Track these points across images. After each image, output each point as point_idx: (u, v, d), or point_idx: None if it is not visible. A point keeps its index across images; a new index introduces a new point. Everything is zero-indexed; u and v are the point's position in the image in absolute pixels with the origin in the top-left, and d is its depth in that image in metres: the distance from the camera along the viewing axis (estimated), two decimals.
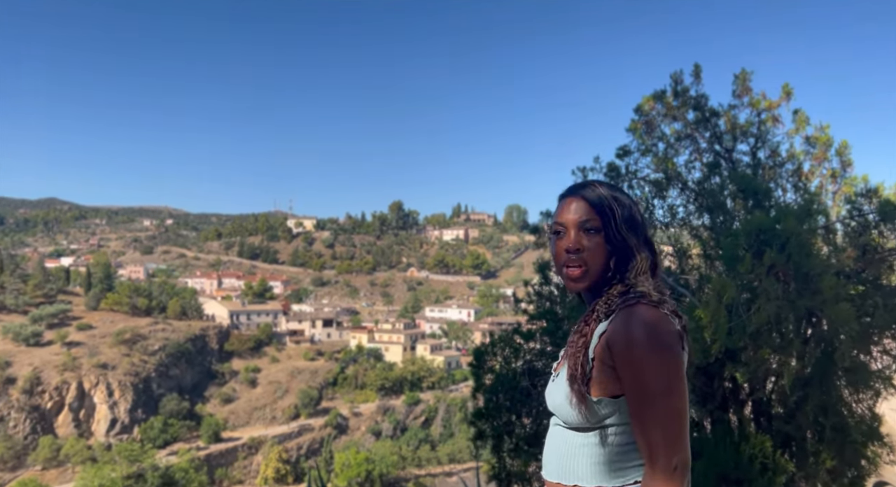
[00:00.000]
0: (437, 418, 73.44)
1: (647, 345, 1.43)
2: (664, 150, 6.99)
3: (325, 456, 65.04)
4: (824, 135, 6.33)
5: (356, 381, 76.84)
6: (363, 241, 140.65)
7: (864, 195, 5.36)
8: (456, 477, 70.26)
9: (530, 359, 6.30)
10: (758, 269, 4.69)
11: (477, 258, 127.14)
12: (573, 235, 1.58)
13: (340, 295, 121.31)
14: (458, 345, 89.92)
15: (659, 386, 1.41)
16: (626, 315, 1.47)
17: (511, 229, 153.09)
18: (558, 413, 1.62)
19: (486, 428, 6.23)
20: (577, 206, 1.60)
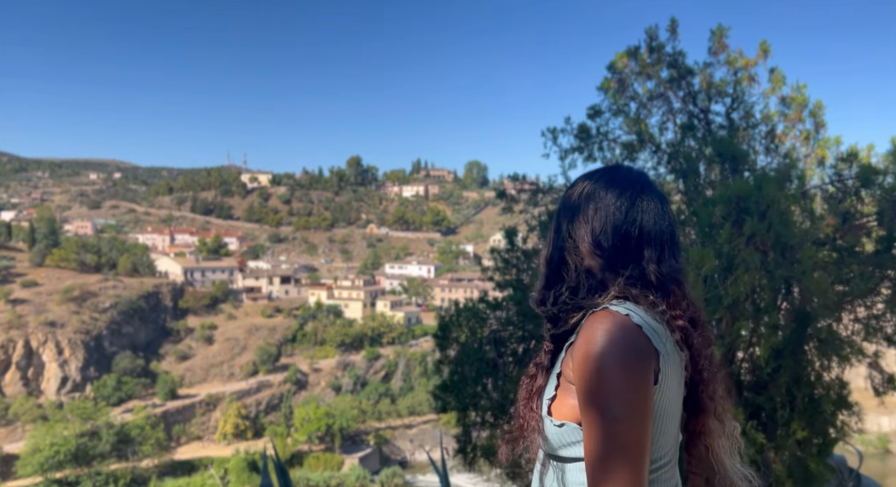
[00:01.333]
0: (397, 372, 74.37)
1: (599, 358, 1.20)
2: (636, 110, 6.70)
3: (285, 412, 65.37)
4: (800, 96, 6.12)
5: (315, 337, 76.91)
6: (321, 197, 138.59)
7: (844, 160, 5.19)
8: (416, 429, 71.80)
9: (497, 329, 6.08)
10: (737, 239, 4.49)
11: (437, 214, 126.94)
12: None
13: (298, 252, 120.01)
14: (418, 301, 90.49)
15: (607, 410, 1.17)
16: (588, 323, 1.26)
17: (471, 185, 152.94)
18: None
19: (450, 401, 6.03)
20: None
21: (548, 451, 1.34)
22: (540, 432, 1.35)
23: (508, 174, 6.37)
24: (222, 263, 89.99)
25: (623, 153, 6.71)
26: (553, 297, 1.39)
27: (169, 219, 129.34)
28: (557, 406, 1.31)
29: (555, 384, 1.33)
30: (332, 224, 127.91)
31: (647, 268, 1.34)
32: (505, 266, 6.75)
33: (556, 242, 1.41)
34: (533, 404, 1.42)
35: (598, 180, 1.41)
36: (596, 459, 1.20)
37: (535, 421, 1.38)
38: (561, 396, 1.31)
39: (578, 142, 6.75)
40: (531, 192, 7.14)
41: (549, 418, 1.31)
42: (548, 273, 1.41)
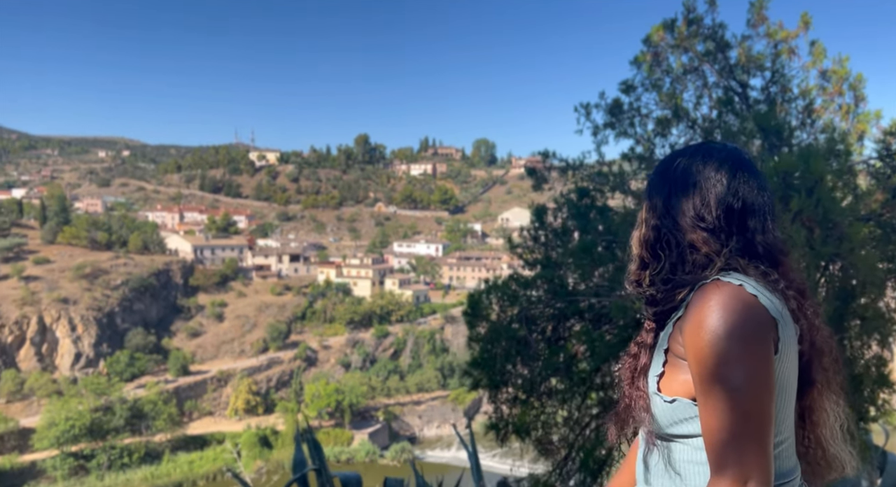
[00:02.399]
0: (406, 350, 74.98)
1: (717, 331, 1.17)
2: (671, 85, 6.57)
3: (295, 388, 66.17)
4: (842, 69, 5.97)
5: (325, 315, 77.47)
6: (329, 175, 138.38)
7: (892, 133, 5.08)
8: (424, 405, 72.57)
9: (527, 307, 6.05)
10: (784, 215, 4.41)
11: (445, 193, 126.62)
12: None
13: (307, 230, 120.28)
14: (426, 280, 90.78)
15: (729, 382, 1.15)
16: (699, 296, 1.24)
17: (479, 163, 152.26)
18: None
19: (482, 378, 6.03)
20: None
21: (655, 430, 1.31)
22: (647, 410, 1.33)
23: (537, 151, 6.29)
24: (232, 241, 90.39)
25: (656, 128, 6.60)
26: (650, 276, 1.36)
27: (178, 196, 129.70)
28: (667, 382, 1.29)
29: (662, 360, 1.31)
30: (340, 202, 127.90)
31: (753, 239, 1.31)
32: (534, 243, 6.70)
33: (651, 221, 1.38)
34: (639, 382, 1.38)
35: (692, 155, 1.39)
36: (720, 434, 1.16)
37: (642, 400, 1.36)
38: (670, 372, 1.29)
39: (610, 118, 6.66)
40: (561, 169, 7.06)
41: (659, 395, 1.29)
42: (643, 253, 1.39)
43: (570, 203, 6.76)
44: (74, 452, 49.92)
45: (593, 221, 6.35)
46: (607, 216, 6.37)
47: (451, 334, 79.41)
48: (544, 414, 5.87)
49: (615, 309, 5.14)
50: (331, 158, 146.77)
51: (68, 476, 49.08)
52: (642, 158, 6.78)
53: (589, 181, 6.82)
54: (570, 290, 5.78)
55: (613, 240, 5.88)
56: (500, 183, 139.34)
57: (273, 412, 64.01)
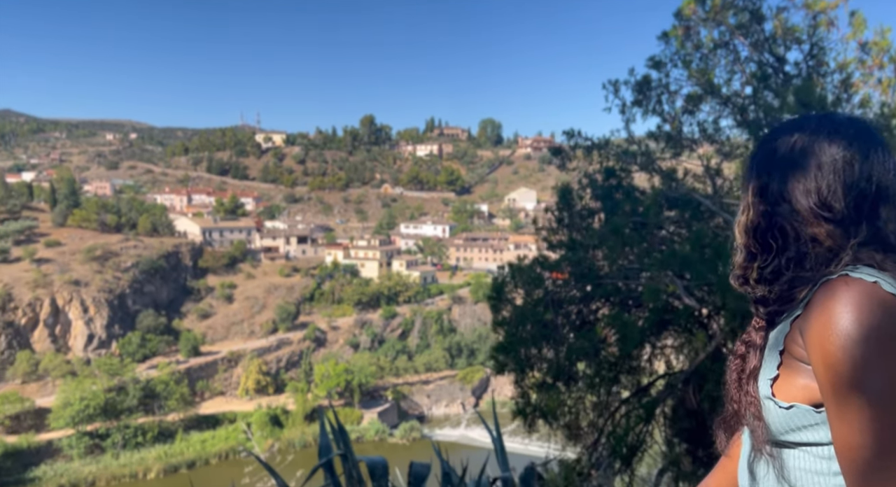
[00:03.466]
0: (414, 330, 75.28)
1: (851, 334, 1.04)
2: (701, 60, 6.33)
3: (305, 368, 66.65)
4: (883, 41, 5.72)
5: (333, 296, 77.75)
6: (335, 157, 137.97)
7: None
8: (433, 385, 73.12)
9: (552, 290, 5.90)
10: None
11: (451, 174, 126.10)
12: None
13: (314, 212, 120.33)
14: (433, 261, 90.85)
15: (866, 391, 1.02)
16: (825, 294, 1.09)
17: (485, 144, 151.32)
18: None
19: (508, 362, 5.91)
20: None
21: (767, 437, 1.18)
22: (758, 416, 1.19)
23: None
24: (240, 223, 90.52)
25: (685, 105, 6.39)
26: (758, 270, 1.20)
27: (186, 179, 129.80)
28: (783, 386, 1.15)
29: (776, 362, 1.17)
30: (346, 184, 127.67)
31: (884, 229, 1.14)
32: (559, 225, 6.52)
33: (761, 206, 1.21)
34: (748, 386, 1.23)
35: (814, 130, 1.19)
36: (861, 451, 1.03)
37: (752, 406, 1.21)
38: (786, 375, 1.15)
39: (638, 95, 6.44)
40: (586, 148, 6.85)
41: (773, 400, 1.15)
42: (750, 243, 1.22)
43: (594, 183, 6.58)
44: (89, 431, 50.60)
45: (620, 202, 6.17)
46: (634, 196, 6.19)
47: (458, 314, 79.64)
48: (571, 399, 5.75)
49: (647, 292, 4.98)
50: (336, 140, 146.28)
51: (84, 454, 49.82)
52: (669, 137, 6.57)
53: (615, 160, 6.62)
54: (598, 273, 5.63)
55: (642, 221, 5.70)
56: (506, 163, 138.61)
57: (283, 392, 64.58)
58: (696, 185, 6.26)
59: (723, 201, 5.87)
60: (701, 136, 6.54)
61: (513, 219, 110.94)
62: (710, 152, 6.46)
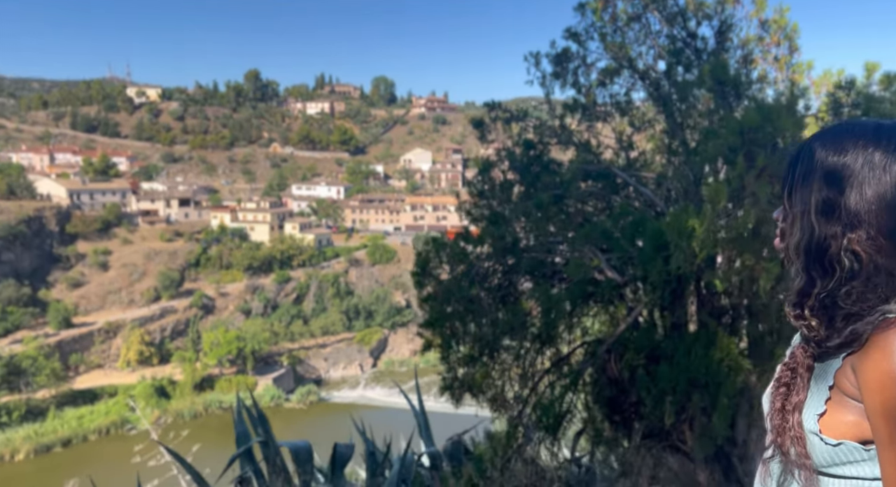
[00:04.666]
0: (309, 294, 74.12)
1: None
2: (615, 32, 6.39)
3: (193, 337, 64.09)
4: (782, 19, 6.02)
5: (221, 261, 74.74)
6: (217, 114, 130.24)
7: (841, 88, 5.20)
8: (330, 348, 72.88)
9: (477, 265, 5.87)
10: (749, 172, 4.42)
11: (344, 133, 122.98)
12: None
13: (196, 173, 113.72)
14: (328, 223, 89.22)
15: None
16: (889, 332, 1.04)
17: (378, 103, 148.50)
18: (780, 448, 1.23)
19: (434, 339, 5.86)
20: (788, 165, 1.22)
21: (810, 469, 1.15)
22: (801, 446, 1.14)
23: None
24: (112, 185, 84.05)
25: (600, 78, 6.46)
26: (817, 298, 1.12)
27: (46, 136, 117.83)
28: (830, 422, 1.12)
29: (825, 397, 1.13)
30: (231, 143, 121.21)
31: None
32: (480, 198, 6.47)
33: (829, 226, 1.10)
34: (792, 418, 1.17)
35: (872, 140, 1.11)
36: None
37: (798, 441, 1.16)
38: (834, 411, 1.12)
39: (556, 67, 6.43)
40: (505, 120, 6.80)
41: (820, 436, 1.11)
42: (813, 266, 1.12)
43: (511, 155, 6.55)
44: None
45: (540, 175, 6.19)
46: (553, 169, 6.23)
47: (355, 277, 79.20)
48: (497, 372, 5.81)
49: (572, 266, 5.06)
50: (219, 95, 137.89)
51: None
52: (585, 109, 6.65)
53: (534, 133, 6.62)
54: (521, 246, 5.64)
55: (562, 194, 5.76)
56: (401, 123, 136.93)
57: (169, 362, 61.89)
58: (611, 158, 6.39)
59: (637, 174, 6.04)
60: (614, 109, 6.66)
61: (409, 180, 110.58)
62: (623, 124, 6.60)
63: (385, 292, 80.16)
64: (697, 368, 4.68)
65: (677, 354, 4.78)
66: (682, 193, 5.48)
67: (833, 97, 5.18)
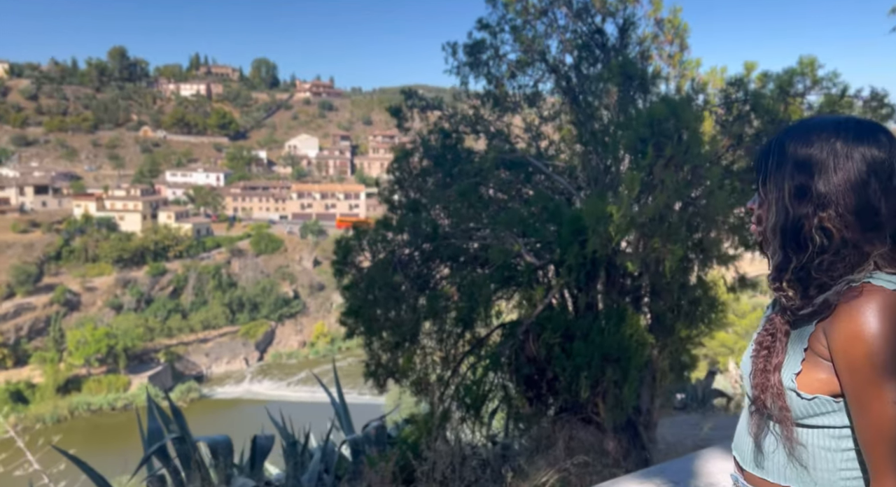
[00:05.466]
0: (188, 287, 70.36)
1: (876, 344, 1.17)
2: (525, 25, 6.62)
3: (55, 335, 59.02)
4: (675, 19, 6.53)
5: (86, 254, 69.19)
6: (78, 94, 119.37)
7: (733, 84, 5.72)
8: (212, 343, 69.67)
9: (398, 252, 5.91)
10: (658, 161, 4.79)
11: (223, 117, 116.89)
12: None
13: (54, 158, 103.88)
14: (207, 212, 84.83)
15: (888, 394, 1.17)
16: (854, 303, 1.21)
17: (259, 85, 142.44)
18: (756, 402, 1.38)
19: (357, 326, 5.84)
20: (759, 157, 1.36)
21: (782, 419, 1.31)
22: (781, 401, 1.30)
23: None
24: None
25: (510, 69, 6.67)
26: (794, 272, 1.28)
27: None
28: (805, 379, 1.27)
29: (800, 358, 1.28)
30: (94, 125, 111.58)
31: (886, 229, 1.25)
32: (398, 186, 6.49)
33: (801, 208, 1.27)
34: (773, 377, 1.32)
35: (855, 134, 1.27)
36: (882, 447, 1.19)
37: (777, 395, 1.31)
38: (808, 370, 1.27)
39: (469, 58, 6.56)
40: (421, 108, 6.85)
41: (796, 391, 1.28)
42: (789, 244, 1.29)
43: (426, 143, 6.63)
44: None
45: (457, 163, 6.32)
46: (470, 158, 6.38)
47: (238, 268, 76.13)
48: (419, 357, 5.90)
49: (495, 252, 5.24)
50: (79, 73, 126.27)
51: None
52: (496, 100, 6.85)
53: (448, 122, 6.73)
54: (442, 234, 5.74)
55: (479, 182, 5.92)
56: (285, 107, 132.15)
57: (27, 364, 56.59)
58: (524, 148, 6.64)
59: (549, 163, 6.32)
60: (523, 100, 6.91)
61: (295, 167, 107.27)
62: (532, 115, 6.86)
63: (271, 283, 77.74)
64: (610, 344, 5.04)
65: (592, 332, 5.11)
66: (592, 181, 5.83)
67: (725, 92, 5.71)
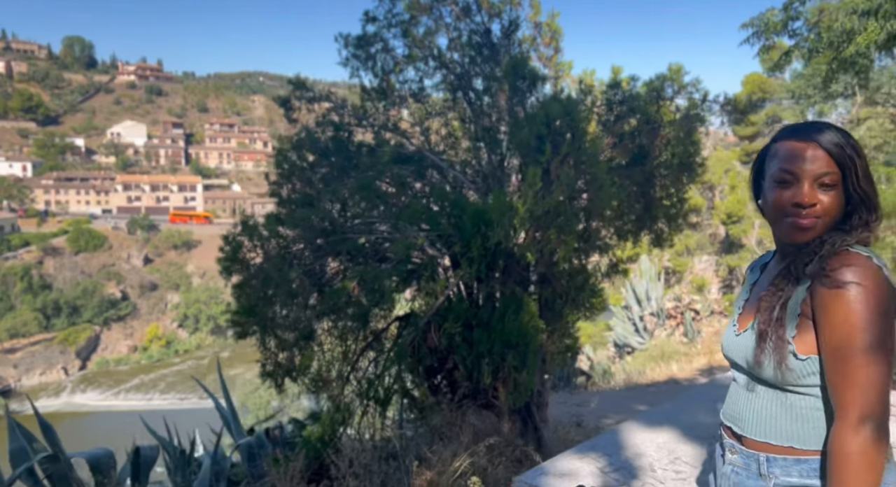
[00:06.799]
0: None
1: (856, 296, 1.36)
2: (411, 20, 6.69)
3: None
4: (553, 23, 6.95)
5: None
6: None
7: (612, 87, 6.23)
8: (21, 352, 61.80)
9: (293, 249, 5.72)
10: (555, 158, 5.11)
11: (29, 99, 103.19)
12: (807, 189, 1.47)
13: None
14: (11, 206, 74.85)
15: (863, 342, 1.35)
16: (835, 263, 1.41)
17: (73, 66, 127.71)
18: (753, 371, 1.54)
19: (250, 327, 5.57)
20: (815, 156, 1.48)
21: (780, 382, 1.49)
22: (783, 360, 1.47)
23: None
24: None
25: (397, 64, 6.70)
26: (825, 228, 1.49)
27: None
28: (800, 341, 1.45)
29: (795, 323, 1.46)
30: None
31: (876, 213, 1.50)
32: (287, 180, 6.26)
33: (863, 188, 1.48)
34: (779, 331, 1.48)
35: (848, 136, 1.53)
36: (853, 390, 1.35)
37: (779, 349, 1.47)
38: (801, 333, 1.45)
39: (357, 51, 6.49)
40: (308, 99, 6.64)
41: (794, 353, 1.46)
42: (836, 212, 1.50)
43: (311, 136, 6.47)
44: None
45: (351, 156, 6.24)
46: (362, 151, 6.34)
47: (53, 268, 68.24)
48: (317, 352, 5.77)
49: (398, 246, 5.29)
50: None
51: None
52: (385, 94, 6.85)
53: (336, 114, 6.61)
54: (339, 229, 5.65)
55: (376, 176, 5.90)
56: (105, 91, 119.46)
57: None
58: (417, 142, 6.71)
59: (442, 158, 6.46)
60: (409, 96, 6.98)
61: (119, 156, 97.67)
62: (421, 110, 6.95)
63: (94, 284, 70.77)
64: (510, 331, 5.30)
65: (492, 320, 5.34)
66: (487, 176, 6.07)
67: (606, 95, 6.23)
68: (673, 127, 6.10)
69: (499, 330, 5.35)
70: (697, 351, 13.71)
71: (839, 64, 6.27)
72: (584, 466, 3.20)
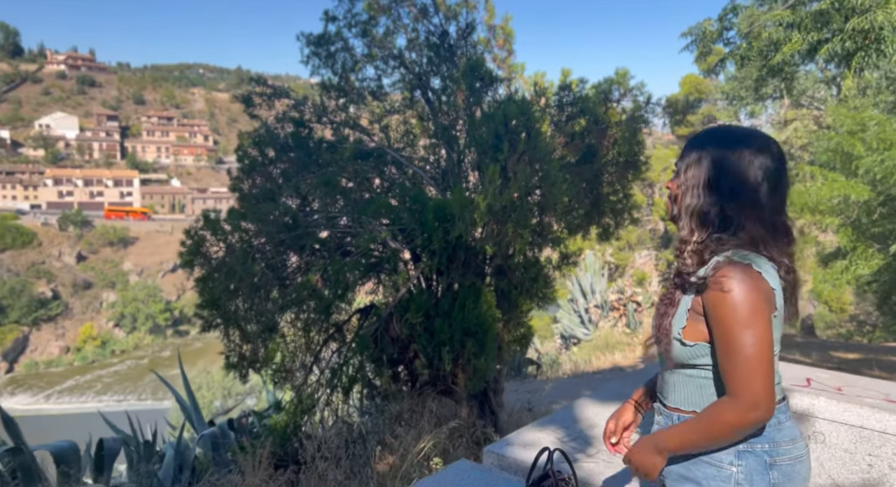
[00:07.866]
0: None
1: (738, 307, 1.55)
2: (370, 20, 6.86)
3: None
4: (506, 26, 7.25)
5: None
6: None
7: (564, 89, 6.57)
8: None
9: (256, 243, 5.82)
10: (512, 156, 5.39)
11: None
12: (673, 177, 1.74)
13: None
14: None
15: (744, 340, 1.55)
16: (727, 274, 1.58)
17: None
18: (662, 354, 1.83)
19: (214, 318, 5.64)
20: (683, 151, 1.74)
21: (678, 362, 1.79)
22: (667, 346, 1.77)
23: (254, 74, 5.77)
24: None
25: (356, 63, 6.85)
26: (695, 245, 1.67)
27: None
28: (688, 331, 1.69)
29: (685, 316, 1.69)
30: None
31: (768, 221, 1.64)
32: (249, 175, 6.33)
33: (710, 197, 1.64)
34: (668, 329, 1.75)
35: (757, 144, 1.65)
36: (739, 375, 1.57)
37: (669, 342, 1.76)
38: (691, 324, 1.68)
39: (317, 49, 6.61)
40: (268, 96, 6.71)
41: (682, 340, 1.70)
42: (695, 224, 1.68)
43: (270, 132, 6.56)
44: None
45: (312, 152, 6.36)
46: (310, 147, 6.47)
47: None
48: (281, 344, 5.89)
49: (362, 240, 5.48)
50: None
51: None
52: (344, 91, 7.00)
53: (296, 110, 6.72)
54: (302, 223, 5.78)
55: (337, 172, 6.05)
56: (32, 80, 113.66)
57: None
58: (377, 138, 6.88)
59: (402, 155, 6.67)
60: (368, 94, 7.14)
61: (49, 150, 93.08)
62: (380, 108, 7.12)
63: (22, 283, 67.68)
64: (470, 320, 5.58)
65: (453, 310, 5.60)
66: (446, 173, 6.32)
67: (559, 96, 6.56)
68: (619, 127, 6.49)
69: (459, 319, 5.61)
70: (639, 340, 14.38)
71: (768, 70, 6.81)
72: (545, 436, 3.50)
